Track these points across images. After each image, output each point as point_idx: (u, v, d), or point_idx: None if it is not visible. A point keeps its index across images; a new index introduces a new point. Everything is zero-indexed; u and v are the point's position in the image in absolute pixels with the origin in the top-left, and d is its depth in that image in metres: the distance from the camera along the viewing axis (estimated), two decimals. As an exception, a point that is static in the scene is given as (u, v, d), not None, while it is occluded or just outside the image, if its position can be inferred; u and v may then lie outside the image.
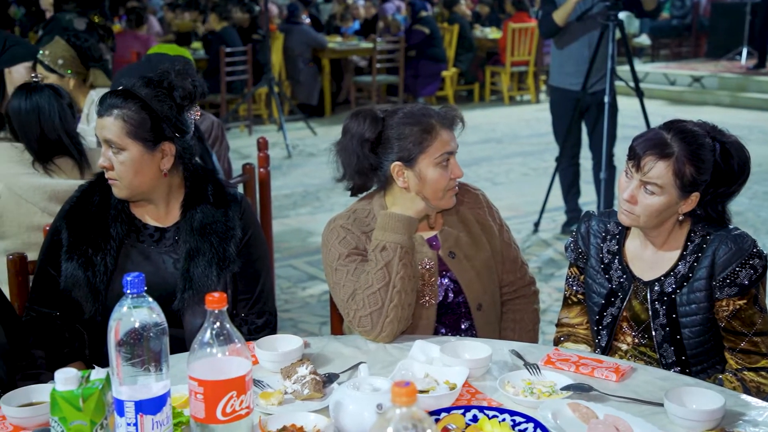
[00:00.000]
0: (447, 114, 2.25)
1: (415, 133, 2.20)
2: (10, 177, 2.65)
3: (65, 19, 5.31)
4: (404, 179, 2.23)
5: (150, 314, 1.47)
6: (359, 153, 2.22)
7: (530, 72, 11.10)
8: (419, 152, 2.20)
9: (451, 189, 2.24)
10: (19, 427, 1.67)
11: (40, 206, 2.65)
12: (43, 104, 2.75)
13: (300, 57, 9.89)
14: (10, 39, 4.08)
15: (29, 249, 2.60)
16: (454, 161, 2.23)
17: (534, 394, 1.79)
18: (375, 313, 2.10)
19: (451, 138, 2.23)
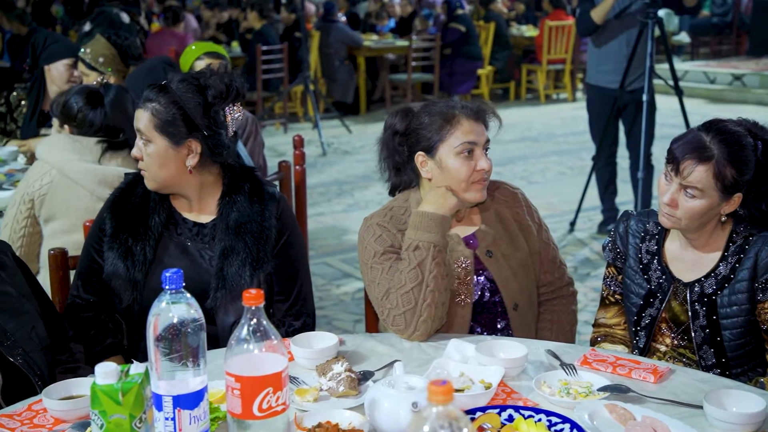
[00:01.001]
0: (473, 105, 2.24)
1: (436, 121, 2.21)
2: (63, 163, 2.77)
3: (113, 12, 5.49)
4: (428, 169, 2.24)
5: (188, 310, 1.48)
6: (391, 146, 2.30)
7: (567, 70, 11.01)
8: (439, 140, 2.21)
9: (477, 182, 2.21)
10: (60, 420, 1.69)
11: (89, 189, 2.75)
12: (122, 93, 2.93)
13: (336, 55, 9.92)
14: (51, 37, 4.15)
15: (77, 230, 2.71)
16: (480, 153, 2.20)
17: (570, 394, 1.78)
18: (408, 312, 2.10)
19: (476, 129, 2.21)
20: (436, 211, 2.16)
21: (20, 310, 1.99)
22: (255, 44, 8.88)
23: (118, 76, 3.87)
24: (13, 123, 4.26)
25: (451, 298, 2.19)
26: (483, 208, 2.34)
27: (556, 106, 10.85)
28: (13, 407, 1.77)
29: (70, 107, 2.91)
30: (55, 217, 2.78)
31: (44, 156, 2.81)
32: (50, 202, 2.77)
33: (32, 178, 2.80)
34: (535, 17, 12.48)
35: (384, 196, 6.62)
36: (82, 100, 2.89)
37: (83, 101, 2.89)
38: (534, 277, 2.36)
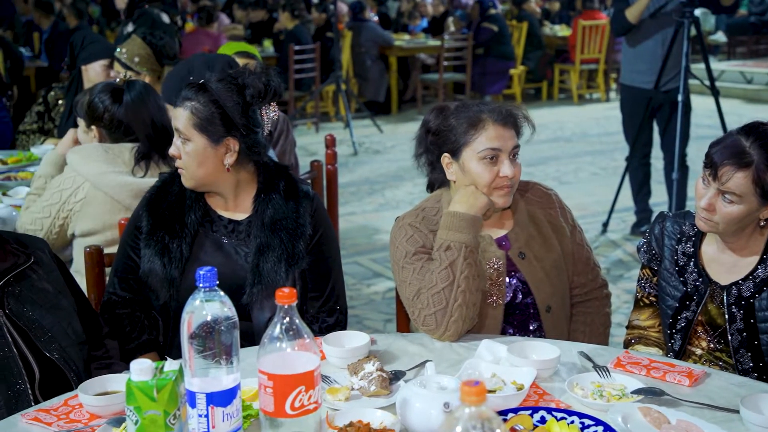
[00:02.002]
0: (504, 110, 2.21)
1: (462, 123, 2.20)
2: (98, 176, 2.69)
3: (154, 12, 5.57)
4: (452, 171, 2.24)
5: (222, 308, 1.49)
6: (424, 144, 2.29)
7: (600, 70, 10.91)
8: (463, 143, 2.20)
9: (500, 188, 2.19)
10: (95, 415, 1.71)
11: (125, 204, 2.68)
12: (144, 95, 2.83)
13: (367, 54, 9.93)
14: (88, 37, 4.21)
15: (113, 245, 2.63)
16: (504, 159, 2.18)
17: (603, 396, 1.76)
18: (439, 313, 2.09)
19: (503, 134, 2.18)
20: (466, 211, 2.16)
21: (57, 306, 2.02)
22: (287, 44, 8.92)
23: (153, 76, 3.91)
24: (51, 122, 4.32)
25: (483, 299, 2.18)
26: (516, 209, 2.33)
27: (589, 107, 10.76)
28: (50, 402, 1.80)
29: (95, 107, 2.83)
30: (91, 232, 2.74)
31: (77, 167, 2.72)
32: (86, 218, 2.72)
33: (66, 191, 2.72)
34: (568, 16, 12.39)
35: (415, 195, 6.67)
36: (107, 98, 2.82)
37: (108, 99, 2.82)
38: (567, 279, 2.34)
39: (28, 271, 2.00)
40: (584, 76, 11.21)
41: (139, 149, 2.76)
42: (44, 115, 4.34)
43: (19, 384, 1.88)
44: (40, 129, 4.34)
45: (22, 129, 4.37)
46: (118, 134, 2.82)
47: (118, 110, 2.80)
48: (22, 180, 3.62)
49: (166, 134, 2.77)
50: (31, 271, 2.01)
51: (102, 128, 2.85)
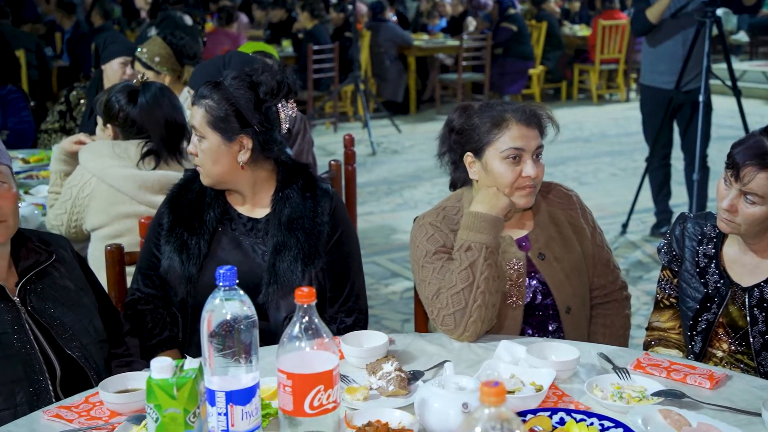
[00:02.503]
0: (528, 110, 2.21)
1: (486, 123, 2.20)
2: (103, 170, 2.76)
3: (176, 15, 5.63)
4: (475, 170, 2.24)
5: (241, 307, 1.50)
6: (448, 143, 2.29)
7: (620, 70, 10.85)
8: (486, 143, 2.19)
9: (522, 188, 2.18)
10: (116, 413, 1.73)
11: (130, 194, 2.75)
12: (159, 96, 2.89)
13: (386, 54, 9.93)
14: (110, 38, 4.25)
15: (122, 235, 2.73)
16: (527, 159, 2.17)
17: (623, 398, 1.75)
18: (458, 313, 2.09)
19: (526, 134, 2.17)
20: (488, 212, 2.15)
21: (78, 303, 2.04)
22: (306, 44, 8.94)
23: (173, 76, 3.94)
24: (73, 121, 4.36)
25: (502, 300, 2.17)
26: (536, 210, 2.32)
27: (608, 107, 10.70)
28: (71, 399, 1.81)
29: (111, 106, 2.90)
30: (100, 225, 2.79)
31: (85, 163, 2.81)
32: (93, 212, 2.78)
33: (75, 188, 2.80)
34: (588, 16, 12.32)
35: (433, 195, 6.66)
36: (123, 99, 2.88)
37: (124, 99, 2.87)
38: (587, 281, 2.33)
39: (50, 269, 2.02)
40: (604, 76, 11.15)
41: (147, 145, 2.82)
42: (66, 114, 4.38)
43: (40, 381, 1.90)
44: (61, 128, 4.38)
45: (44, 128, 4.41)
46: (131, 133, 2.88)
47: (133, 111, 2.86)
48: (43, 179, 3.65)
49: (180, 133, 2.86)
50: (53, 268, 2.02)
51: (116, 127, 2.91)
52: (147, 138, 2.84)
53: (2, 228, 1.90)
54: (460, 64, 9.90)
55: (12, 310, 1.91)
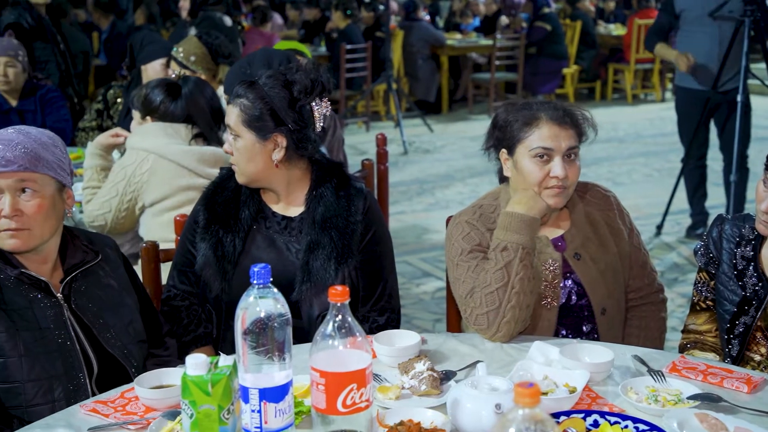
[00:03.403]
0: (561, 109, 2.20)
1: (518, 120, 2.20)
2: (161, 146, 2.89)
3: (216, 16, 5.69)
4: (508, 167, 2.25)
5: (275, 305, 1.50)
6: (492, 139, 2.30)
7: (656, 70, 10.73)
8: (518, 140, 2.20)
9: (551, 188, 2.17)
10: (151, 408, 1.75)
11: (190, 167, 2.88)
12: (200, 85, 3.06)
13: (419, 54, 9.92)
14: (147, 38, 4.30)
15: (183, 206, 2.85)
16: (557, 159, 2.16)
17: (659, 401, 1.73)
18: (492, 313, 2.08)
19: (558, 134, 2.16)
20: (525, 213, 2.14)
21: (120, 303, 2.06)
22: (339, 43, 8.96)
23: (209, 75, 3.98)
24: (110, 120, 4.42)
25: (537, 300, 2.16)
26: (573, 209, 2.30)
27: (643, 107, 10.59)
28: (107, 394, 1.83)
29: (151, 100, 3.02)
30: (161, 198, 2.90)
31: (139, 144, 2.92)
32: (154, 186, 2.89)
33: (130, 168, 2.90)
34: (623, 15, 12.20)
35: (465, 195, 6.64)
36: (162, 93, 3.00)
37: (164, 93, 3.00)
38: (623, 282, 2.31)
39: (95, 268, 2.04)
40: (639, 76, 11.03)
41: (195, 128, 2.98)
42: (103, 113, 4.44)
43: (79, 378, 1.92)
44: (99, 126, 4.44)
45: (81, 126, 4.48)
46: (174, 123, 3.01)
47: (174, 104, 3.00)
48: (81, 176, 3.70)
49: (221, 117, 3.01)
50: (98, 267, 2.05)
51: (156, 119, 3.03)
52: None
53: (25, 236, 1.91)
54: (493, 63, 9.85)
55: (55, 306, 1.94)
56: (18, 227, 1.89)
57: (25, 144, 1.90)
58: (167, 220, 2.78)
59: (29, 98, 4.40)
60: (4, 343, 1.84)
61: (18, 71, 4.32)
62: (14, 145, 1.88)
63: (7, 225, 1.89)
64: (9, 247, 1.91)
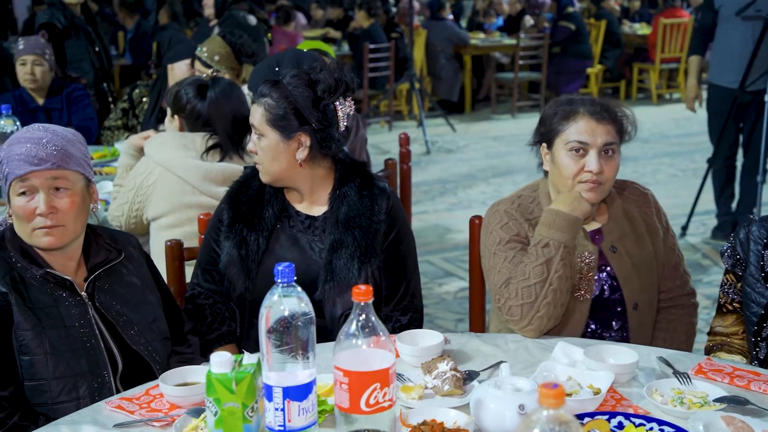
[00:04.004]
0: (600, 104, 2.21)
1: (558, 114, 2.21)
2: (169, 160, 2.85)
3: (240, 15, 5.71)
4: (547, 160, 2.26)
5: (299, 303, 1.51)
6: (537, 132, 2.31)
7: (681, 69, 10.62)
8: (556, 134, 2.21)
9: (585, 183, 2.18)
10: (175, 405, 1.76)
11: (194, 184, 2.82)
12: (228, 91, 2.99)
13: (442, 53, 9.90)
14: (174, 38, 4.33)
15: (182, 225, 2.80)
16: (593, 154, 2.17)
17: (684, 404, 1.72)
18: (526, 306, 2.09)
19: (594, 129, 2.17)
20: (569, 212, 2.14)
21: (144, 301, 2.08)
22: (362, 43, 8.97)
23: (232, 74, 3.99)
24: (135, 119, 4.45)
25: (570, 291, 2.16)
26: (611, 204, 2.32)
27: (668, 107, 10.49)
28: (132, 391, 1.85)
29: (180, 97, 3.00)
30: (161, 214, 2.87)
31: (152, 154, 2.89)
32: (156, 201, 2.85)
33: (139, 177, 2.88)
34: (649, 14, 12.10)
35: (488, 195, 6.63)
36: (192, 91, 2.98)
37: (193, 92, 2.98)
38: (656, 280, 2.31)
39: (118, 266, 2.06)
40: (664, 76, 10.94)
41: (213, 139, 2.90)
42: (129, 111, 4.48)
43: (103, 375, 1.94)
44: (124, 125, 4.47)
45: (107, 125, 4.52)
46: (197, 126, 2.97)
47: (201, 104, 2.96)
48: (106, 175, 3.73)
49: (245, 129, 2.92)
50: (121, 266, 2.07)
51: (183, 118, 3.01)
52: (212, 131, 2.92)
53: (59, 233, 1.93)
54: (516, 63, 9.81)
55: (79, 304, 1.96)
56: (53, 224, 1.92)
57: (54, 142, 1.92)
58: (168, 236, 2.65)
59: (56, 96, 4.45)
60: (30, 341, 1.86)
61: (45, 70, 4.38)
62: (45, 144, 1.90)
63: (42, 223, 1.91)
64: (44, 244, 1.93)
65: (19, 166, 1.88)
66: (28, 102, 4.39)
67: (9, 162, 1.90)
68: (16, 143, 1.92)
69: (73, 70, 5.48)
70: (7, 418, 1.83)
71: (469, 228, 2.55)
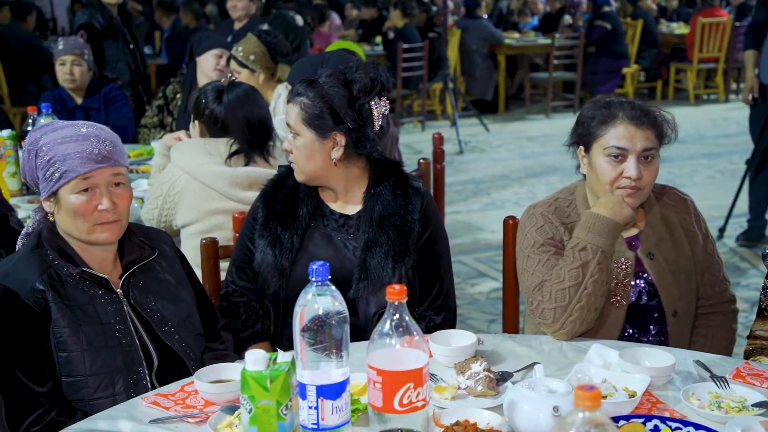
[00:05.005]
0: (639, 109, 2.17)
1: (596, 118, 2.18)
2: (194, 167, 2.85)
3: (289, 15, 5.76)
4: (584, 164, 2.23)
5: (333, 302, 1.51)
6: (574, 133, 2.28)
7: (720, 69, 10.48)
8: (594, 138, 2.18)
9: (623, 188, 2.15)
10: (210, 402, 1.77)
11: (221, 191, 2.82)
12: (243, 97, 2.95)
13: (477, 52, 9.87)
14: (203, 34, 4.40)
15: (212, 231, 2.80)
16: (631, 159, 2.14)
17: (722, 408, 1.69)
18: (559, 309, 2.07)
19: (634, 135, 2.14)
20: (610, 217, 2.12)
21: (178, 297, 2.09)
22: (396, 42, 8.98)
23: (267, 74, 4.01)
24: (170, 116, 4.50)
25: (606, 297, 2.14)
26: (649, 210, 2.28)
27: (706, 107, 10.36)
28: (167, 387, 1.87)
29: (199, 102, 2.99)
30: (190, 222, 2.88)
31: (177, 161, 2.89)
32: (184, 209, 2.86)
33: (166, 185, 2.88)
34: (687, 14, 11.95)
35: (521, 195, 6.59)
36: (211, 96, 2.96)
37: (212, 97, 2.96)
38: (695, 287, 2.27)
39: (152, 263, 2.08)
40: (702, 76, 10.80)
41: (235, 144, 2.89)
42: (164, 109, 4.53)
43: (139, 372, 1.96)
44: (160, 122, 4.53)
45: (143, 123, 4.57)
46: (215, 131, 2.96)
47: (218, 108, 2.94)
48: (142, 173, 3.78)
49: (265, 133, 2.92)
50: (155, 263, 2.09)
51: (202, 123, 3.01)
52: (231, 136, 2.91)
53: (116, 227, 1.97)
54: (551, 62, 9.75)
55: (115, 302, 1.98)
56: (113, 219, 1.95)
57: (110, 139, 1.97)
58: (197, 244, 2.63)
59: (93, 96, 4.52)
60: (67, 338, 1.89)
61: (83, 70, 4.44)
62: (104, 141, 1.94)
63: (104, 218, 1.94)
64: (104, 239, 1.97)
65: (82, 164, 1.90)
66: (67, 101, 4.46)
67: (66, 160, 1.91)
68: (69, 141, 1.92)
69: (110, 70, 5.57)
70: (45, 414, 1.86)
71: (503, 229, 2.53)
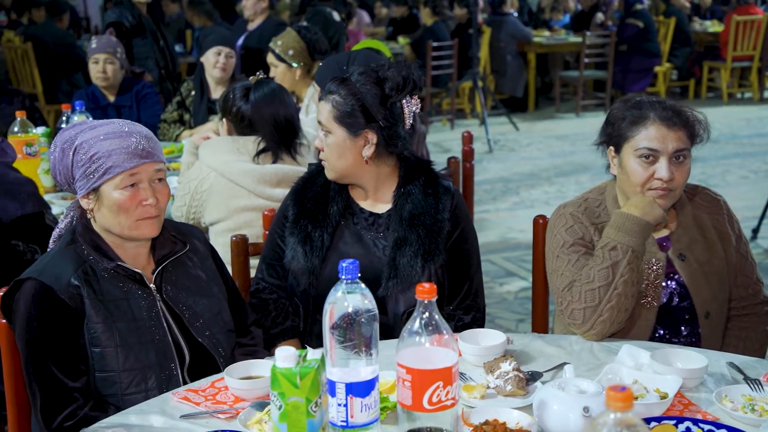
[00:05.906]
0: (671, 109, 2.14)
1: (627, 119, 2.16)
2: (223, 165, 2.87)
3: (326, 11, 5.81)
4: (615, 164, 2.21)
5: (362, 300, 1.51)
6: (604, 133, 2.26)
7: (754, 68, 10.32)
8: (624, 139, 2.16)
9: (654, 190, 2.13)
10: (240, 398, 1.78)
11: (249, 188, 2.84)
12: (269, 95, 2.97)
13: (506, 49, 9.81)
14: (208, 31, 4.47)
15: (241, 229, 2.81)
16: (663, 161, 2.11)
17: (756, 411, 1.67)
18: (589, 309, 2.06)
19: (665, 136, 2.11)
20: (641, 217, 2.10)
21: (209, 293, 2.11)
22: (426, 40, 8.96)
23: (304, 69, 4.01)
24: (188, 112, 4.54)
25: (637, 299, 2.12)
26: (681, 211, 2.26)
27: (739, 107, 10.22)
28: (198, 383, 1.88)
29: (227, 99, 3.01)
30: (218, 219, 2.90)
31: (205, 159, 2.92)
32: (212, 207, 2.89)
33: (194, 182, 2.91)
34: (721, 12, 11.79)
35: (551, 194, 6.55)
36: (239, 94, 2.98)
37: (240, 95, 2.98)
38: (728, 288, 2.24)
39: (184, 258, 2.10)
40: (736, 74, 10.65)
41: (263, 143, 2.91)
42: (182, 104, 4.58)
43: (171, 367, 1.97)
44: (179, 118, 4.57)
45: (163, 118, 4.61)
46: (243, 128, 2.98)
47: (245, 106, 2.96)
48: (172, 171, 3.80)
49: (291, 132, 2.93)
50: (186, 258, 2.10)
51: (230, 121, 3.03)
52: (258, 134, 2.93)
53: (157, 222, 2.00)
54: (581, 61, 9.67)
55: (148, 297, 1.99)
56: (155, 214, 1.98)
57: (149, 135, 2.00)
58: (226, 242, 2.65)
59: (126, 94, 4.57)
60: (101, 333, 1.91)
61: (116, 68, 4.49)
62: (144, 136, 1.97)
63: (147, 213, 1.97)
64: (146, 234, 2.00)
65: (128, 159, 1.93)
66: (100, 99, 4.51)
67: (111, 156, 1.92)
68: (112, 137, 1.93)
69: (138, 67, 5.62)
70: (79, 409, 1.88)
71: (533, 228, 2.52)
